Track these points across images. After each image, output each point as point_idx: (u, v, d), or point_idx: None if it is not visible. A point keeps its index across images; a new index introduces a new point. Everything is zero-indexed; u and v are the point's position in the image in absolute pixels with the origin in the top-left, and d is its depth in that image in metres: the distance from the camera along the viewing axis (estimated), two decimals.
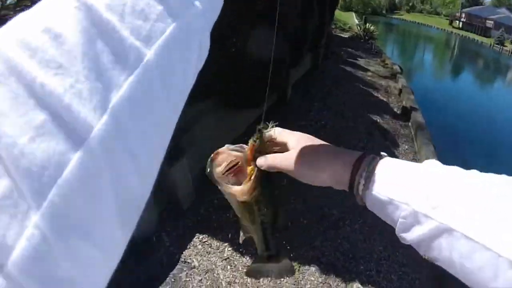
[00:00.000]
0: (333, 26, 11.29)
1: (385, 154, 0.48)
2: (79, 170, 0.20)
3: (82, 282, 0.22)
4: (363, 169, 0.46)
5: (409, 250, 3.18)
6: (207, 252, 2.59)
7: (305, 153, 0.51)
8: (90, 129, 0.20)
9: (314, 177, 0.51)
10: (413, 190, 0.40)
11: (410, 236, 0.40)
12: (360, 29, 11.85)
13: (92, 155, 0.20)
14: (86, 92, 0.21)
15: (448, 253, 0.36)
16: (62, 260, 0.20)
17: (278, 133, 0.56)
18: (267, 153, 0.53)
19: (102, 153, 0.21)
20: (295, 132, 0.56)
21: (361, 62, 8.67)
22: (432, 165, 0.43)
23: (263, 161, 0.53)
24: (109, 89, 0.22)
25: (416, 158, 4.52)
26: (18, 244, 0.18)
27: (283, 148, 0.55)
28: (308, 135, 0.55)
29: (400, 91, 6.96)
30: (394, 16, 33.35)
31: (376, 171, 0.45)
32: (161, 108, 0.27)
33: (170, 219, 2.81)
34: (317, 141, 0.54)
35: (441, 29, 29.37)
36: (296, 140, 0.54)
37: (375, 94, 6.47)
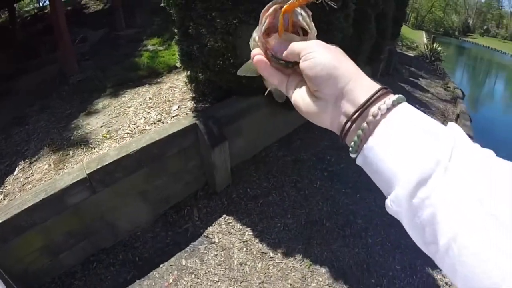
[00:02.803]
0: (399, 44, 10.71)
1: (403, 97, 0.38)
2: None
3: None
4: (387, 97, 0.38)
5: (428, 279, 2.99)
6: (229, 232, 2.70)
7: (328, 53, 0.42)
8: None
9: (324, 80, 0.40)
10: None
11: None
12: (427, 48, 11.05)
13: None
14: None
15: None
16: None
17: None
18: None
19: None
20: None
21: (423, 82, 8.13)
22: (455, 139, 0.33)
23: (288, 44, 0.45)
24: None
25: None
26: None
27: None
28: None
29: (458, 116, 6.44)
30: (466, 39, 30.21)
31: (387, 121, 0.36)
32: None
33: (204, 197, 2.96)
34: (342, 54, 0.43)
35: None
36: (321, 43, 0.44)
37: (431, 116, 6.04)
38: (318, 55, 0.41)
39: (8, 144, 3.30)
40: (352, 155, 0.40)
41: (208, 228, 2.72)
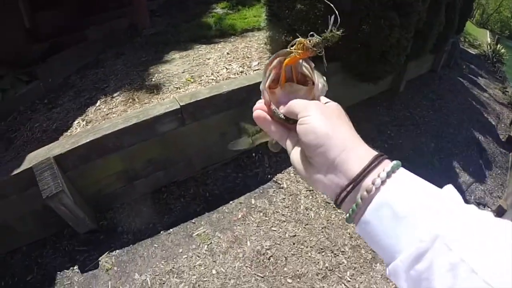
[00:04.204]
0: (462, 39, 10.34)
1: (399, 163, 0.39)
2: None
3: None
4: (381, 168, 0.38)
5: None
6: (296, 181, 2.94)
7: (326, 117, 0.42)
8: None
9: (320, 145, 0.40)
10: (437, 214, 0.33)
11: (420, 266, 0.32)
12: (490, 48, 10.62)
13: None
14: None
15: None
16: None
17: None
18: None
19: None
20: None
21: (481, 81, 7.90)
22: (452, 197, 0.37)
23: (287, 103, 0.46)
24: None
25: (504, 185, 4.29)
26: None
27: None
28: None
29: None
30: None
31: (393, 178, 0.37)
32: None
33: None
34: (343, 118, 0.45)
35: None
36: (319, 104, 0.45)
37: (485, 115, 5.99)
38: (313, 120, 0.41)
39: (85, 82, 3.57)
40: (348, 223, 0.41)
41: (278, 175, 2.98)
